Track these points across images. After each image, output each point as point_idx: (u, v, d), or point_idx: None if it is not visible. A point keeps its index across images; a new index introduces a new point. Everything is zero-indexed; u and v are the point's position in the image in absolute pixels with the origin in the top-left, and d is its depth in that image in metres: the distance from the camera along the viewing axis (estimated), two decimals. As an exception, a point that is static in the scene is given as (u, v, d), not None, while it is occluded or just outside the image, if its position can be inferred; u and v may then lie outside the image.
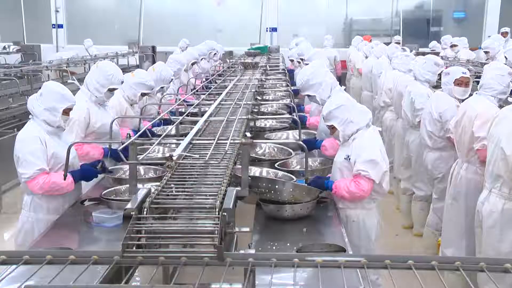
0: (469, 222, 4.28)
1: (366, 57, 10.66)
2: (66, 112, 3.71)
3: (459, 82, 4.98)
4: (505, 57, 8.21)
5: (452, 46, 11.42)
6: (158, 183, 2.67)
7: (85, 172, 3.75)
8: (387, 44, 10.47)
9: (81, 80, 5.58)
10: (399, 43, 11.39)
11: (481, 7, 15.93)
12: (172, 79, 6.36)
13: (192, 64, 8.73)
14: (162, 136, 3.27)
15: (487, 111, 4.23)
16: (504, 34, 12.47)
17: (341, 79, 11.66)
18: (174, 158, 2.63)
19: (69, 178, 3.58)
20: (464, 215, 4.45)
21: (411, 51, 9.72)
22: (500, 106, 4.21)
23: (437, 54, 8.34)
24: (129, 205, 2.31)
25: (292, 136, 4.96)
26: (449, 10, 16.61)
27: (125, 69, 9.09)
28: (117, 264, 1.84)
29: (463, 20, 16.59)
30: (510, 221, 3.65)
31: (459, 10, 16.64)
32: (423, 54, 7.90)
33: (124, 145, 2.93)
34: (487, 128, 3.96)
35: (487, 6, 15.74)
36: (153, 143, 3.09)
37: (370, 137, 3.68)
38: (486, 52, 9.97)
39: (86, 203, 3.63)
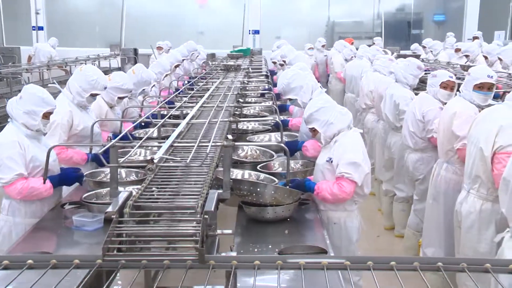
0: (448, 222, 4.34)
1: (347, 60, 10.73)
2: (46, 115, 3.67)
3: (445, 86, 5.03)
4: (499, 58, 8.31)
5: (457, 50, 11.22)
6: (139, 186, 2.66)
7: (64, 177, 3.71)
8: (369, 46, 10.55)
9: (62, 83, 5.54)
10: (372, 45, 11.46)
11: (460, 10, 16.17)
12: (154, 84, 6.35)
13: (175, 66, 8.71)
14: (144, 139, 3.26)
15: (466, 111, 4.29)
16: (475, 39, 12.65)
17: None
18: (155, 161, 2.62)
19: (48, 183, 3.54)
20: (443, 215, 4.50)
21: (392, 53, 9.81)
22: (480, 108, 4.27)
23: (417, 56, 8.41)
24: (109, 208, 2.30)
25: (274, 138, 4.97)
26: (430, 13, 16.82)
27: (107, 72, 9.01)
28: (100, 268, 1.83)
29: (443, 23, 16.80)
30: (487, 222, 3.70)
31: (439, 13, 16.84)
32: (404, 56, 7.97)
33: (104, 148, 2.92)
34: (467, 128, 4.02)
35: (466, 9, 15.97)
36: (134, 146, 3.08)
37: (351, 139, 3.70)
38: (466, 56, 10.09)
39: (67, 206, 3.60)
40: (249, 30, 15.67)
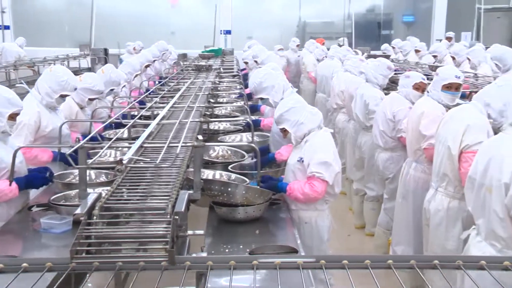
0: (417, 220, 4.40)
1: (319, 60, 10.80)
2: (13, 117, 3.59)
3: (417, 87, 5.10)
4: (467, 59, 8.47)
5: (416, 51, 11.51)
6: (109, 188, 2.64)
7: (31, 180, 3.62)
8: (340, 46, 10.66)
9: (30, 83, 5.43)
10: (342, 45, 11.57)
11: (429, 11, 16.46)
12: (124, 85, 6.28)
13: (146, 66, 8.65)
14: (113, 139, 3.23)
15: (433, 111, 4.36)
16: (449, 39, 12.96)
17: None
18: (124, 162, 2.60)
19: (14, 184, 3.46)
20: (412, 213, 4.57)
21: (363, 53, 9.92)
22: (448, 108, 4.35)
23: (387, 57, 8.52)
24: (78, 210, 2.26)
25: (246, 138, 4.97)
26: (399, 14, 17.07)
27: (76, 72, 8.89)
28: (73, 271, 1.81)
29: (412, 24, 17.06)
30: (455, 219, 3.77)
31: (408, 14, 17.10)
32: (374, 56, 8.07)
33: (72, 149, 2.88)
34: (435, 127, 4.09)
35: (434, 10, 16.26)
36: (104, 147, 3.04)
37: (322, 139, 3.72)
38: (434, 56, 10.29)
39: (34, 209, 3.53)
40: (221, 30, 15.64)
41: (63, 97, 4.50)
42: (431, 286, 1.67)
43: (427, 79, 5.24)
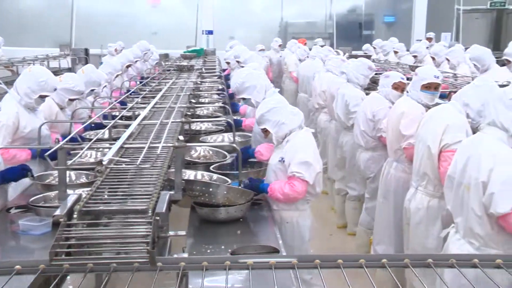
0: (398, 219, 4.44)
1: (301, 60, 10.84)
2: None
3: (397, 86, 5.15)
4: (446, 59, 8.56)
5: (395, 52, 11.64)
6: (89, 189, 2.62)
7: (8, 172, 3.56)
8: (322, 46, 10.70)
9: (8, 84, 5.37)
10: (323, 46, 11.62)
11: (409, 12, 16.61)
12: (105, 85, 6.23)
13: (127, 66, 8.59)
14: (93, 140, 3.20)
15: (413, 111, 4.41)
16: (429, 40, 13.11)
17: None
18: (104, 162, 2.58)
19: None
20: (393, 212, 4.61)
21: (344, 54, 9.97)
22: (427, 107, 4.39)
23: (368, 57, 8.57)
24: (57, 212, 2.24)
25: (227, 138, 4.97)
26: (380, 14, 17.20)
27: (57, 72, 8.81)
28: (43, 274, 1.78)
29: (393, 24, 17.20)
30: (434, 218, 3.81)
31: (389, 15, 17.24)
32: (356, 57, 8.11)
33: (51, 150, 2.85)
34: (414, 127, 4.13)
35: (414, 11, 16.42)
36: (84, 147, 3.02)
37: (303, 139, 3.73)
38: (414, 56, 10.38)
39: (13, 210, 3.48)
40: (203, 31, 15.60)
41: (42, 97, 4.45)
42: (413, 284, 1.69)
43: (407, 79, 5.29)
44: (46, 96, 4.49)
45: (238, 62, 8.11)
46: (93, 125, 4.79)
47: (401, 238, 4.25)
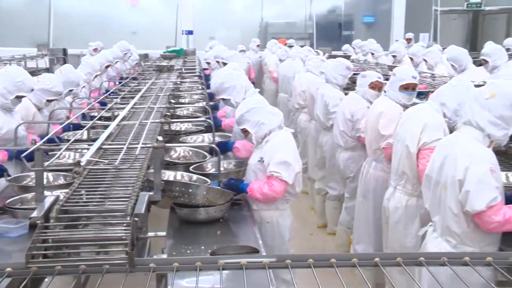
0: (377, 219, 4.47)
1: (281, 60, 10.86)
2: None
3: (373, 86, 5.19)
4: (424, 60, 8.66)
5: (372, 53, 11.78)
6: (67, 190, 2.59)
7: None
8: (302, 46, 10.73)
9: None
10: (292, 46, 11.65)
11: (388, 12, 16.76)
12: (84, 85, 6.17)
13: (106, 67, 8.52)
14: (71, 141, 3.18)
15: (391, 111, 4.45)
16: (408, 40, 13.26)
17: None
18: (82, 163, 2.56)
19: None
20: (372, 212, 4.64)
21: (324, 54, 10.02)
22: (405, 107, 4.43)
23: (348, 57, 8.63)
24: (34, 213, 2.22)
25: (207, 139, 4.96)
26: (359, 15, 17.32)
27: (34, 73, 8.70)
28: (35, 276, 1.77)
29: (372, 25, 17.34)
30: (413, 216, 3.85)
31: (368, 15, 17.37)
32: (335, 57, 8.15)
33: (28, 151, 2.82)
34: (393, 127, 4.17)
35: (393, 12, 16.58)
36: (62, 148, 2.99)
37: (282, 139, 3.75)
38: (393, 56, 10.48)
39: (-11, 213, 3.43)
40: (183, 31, 15.55)
41: (19, 98, 4.40)
42: (392, 282, 1.71)
43: (385, 79, 5.34)
44: (22, 96, 4.44)
45: (218, 62, 8.10)
46: (71, 125, 4.74)
47: (380, 237, 4.28)
